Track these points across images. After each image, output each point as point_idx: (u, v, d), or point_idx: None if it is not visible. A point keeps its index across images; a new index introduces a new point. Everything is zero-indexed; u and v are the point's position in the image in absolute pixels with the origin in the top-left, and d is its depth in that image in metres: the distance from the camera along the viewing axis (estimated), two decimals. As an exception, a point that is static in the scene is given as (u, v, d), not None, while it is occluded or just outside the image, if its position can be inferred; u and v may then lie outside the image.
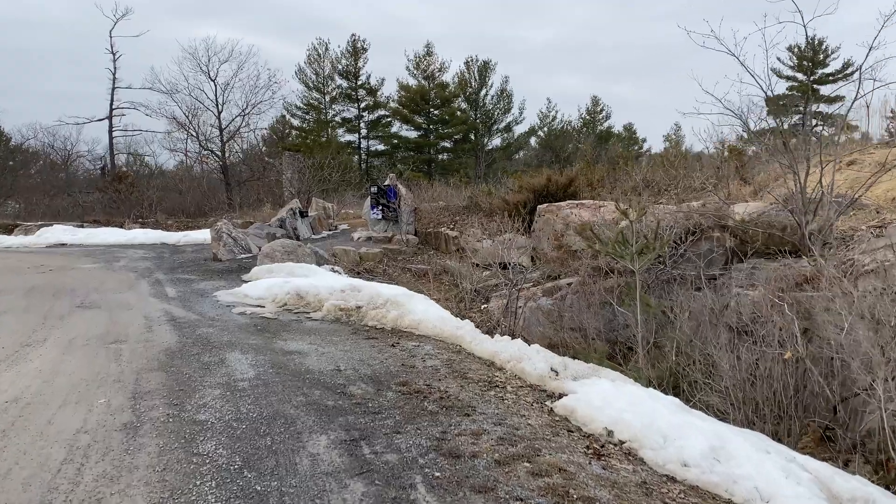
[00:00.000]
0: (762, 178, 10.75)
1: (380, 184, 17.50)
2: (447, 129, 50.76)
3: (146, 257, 15.61)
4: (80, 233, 21.08)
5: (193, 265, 14.02)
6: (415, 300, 8.26)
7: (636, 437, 4.40)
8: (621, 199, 13.13)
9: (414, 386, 5.29)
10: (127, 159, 39.56)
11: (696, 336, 6.80)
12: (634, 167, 13.86)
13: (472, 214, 15.67)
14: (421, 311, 7.88)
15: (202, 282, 11.60)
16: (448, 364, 6.13)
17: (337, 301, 8.42)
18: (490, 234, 14.89)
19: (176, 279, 11.93)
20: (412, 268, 14.62)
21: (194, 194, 28.50)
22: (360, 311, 8.11)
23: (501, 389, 5.42)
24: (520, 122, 52.74)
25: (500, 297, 11.24)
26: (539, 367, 5.92)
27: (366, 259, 14.73)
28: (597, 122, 59.59)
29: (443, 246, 15.64)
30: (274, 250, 13.10)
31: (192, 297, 9.92)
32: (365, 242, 16.32)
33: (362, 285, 8.92)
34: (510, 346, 6.56)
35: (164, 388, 5.19)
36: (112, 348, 6.60)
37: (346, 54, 49.57)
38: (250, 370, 5.74)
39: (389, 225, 16.81)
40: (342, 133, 50.52)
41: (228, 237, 14.83)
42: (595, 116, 59.77)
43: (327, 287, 8.96)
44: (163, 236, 20.00)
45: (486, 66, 52.26)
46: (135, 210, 25.52)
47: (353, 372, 5.72)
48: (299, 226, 17.63)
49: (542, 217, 13.17)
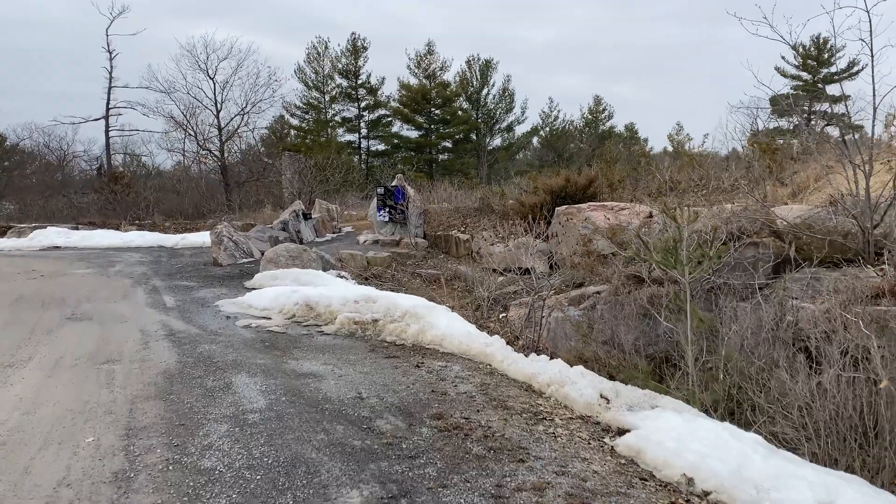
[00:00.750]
0: (801, 179, 10.11)
1: (386, 184, 16.81)
2: (448, 129, 50.09)
3: (143, 261, 14.90)
4: (74, 235, 20.34)
5: (192, 270, 13.30)
6: (436, 312, 7.56)
7: (723, 487, 3.71)
8: (647, 201, 12.45)
9: (451, 420, 4.58)
10: (124, 159, 38.85)
11: (753, 353, 6.11)
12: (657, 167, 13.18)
13: (483, 217, 14.99)
14: (444, 326, 7.18)
15: (202, 289, 10.89)
16: (483, 390, 5.43)
17: (350, 313, 7.72)
18: (503, 238, 14.20)
19: (174, 286, 11.22)
20: (422, 273, 13.92)
21: (192, 195, 27.74)
22: (376, 325, 7.40)
23: (550, 422, 4.72)
24: (522, 122, 52.15)
25: (519, 305, 10.54)
26: (586, 394, 5.22)
27: (374, 264, 14.04)
28: (599, 122, 58.90)
29: (453, 250, 14.95)
30: (278, 255, 12.40)
31: (191, 307, 9.21)
32: (372, 246, 15.63)
33: (377, 295, 8.21)
34: (549, 367, 5.87)
35: (162, 423, 4.49)
36: (104, 370, 5.90)
37: (346, 53, 48.89)
38: (261, 398, 5.03)
39: (397, 227, 16.11)
40: (342, 133, 49.88)
41: (229, 241, 14.12)
42: (597, 116, 59.05)
43: (339, 297, 8.25)
44: (160, 239, 19.26)
45: (488, 64, 51.62)
46: (131, 211, 24.78)
47: (377, 400, 5.02)
48: (303, 228, 16.92)
49: (560, 220, 12.48)
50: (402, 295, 8.66)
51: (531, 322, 9.73)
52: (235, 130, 32.56)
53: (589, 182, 12.97)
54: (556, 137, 54.76)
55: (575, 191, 12.79)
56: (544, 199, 12.72)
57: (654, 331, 8.02)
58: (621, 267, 8.49)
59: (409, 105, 49.20)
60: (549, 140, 54.45)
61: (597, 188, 13.24)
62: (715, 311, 7.21)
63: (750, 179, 10.96)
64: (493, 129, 51.81)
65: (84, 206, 28.47)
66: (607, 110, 59.25)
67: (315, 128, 47.77)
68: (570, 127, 57.85)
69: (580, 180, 12.84)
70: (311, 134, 47.13)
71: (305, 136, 46.54)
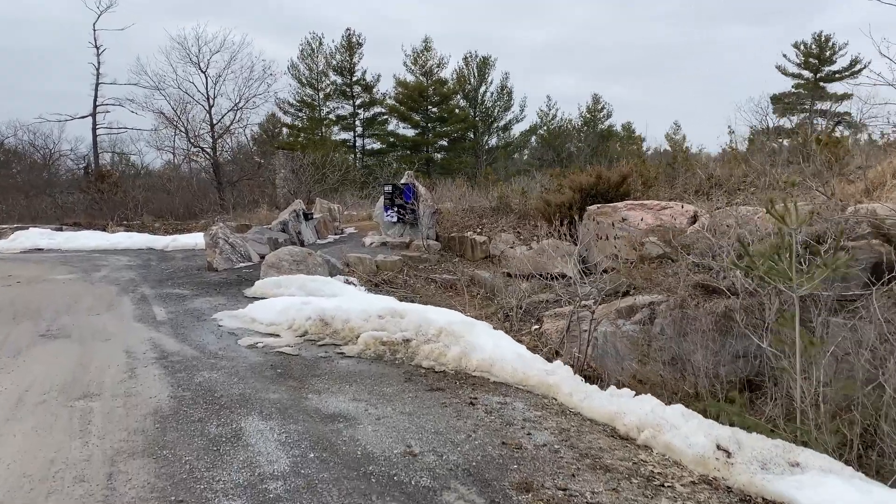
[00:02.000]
0: (875, 175, 9.01)
1: (395, 182, 15.61)
2: (446, 128, 48.90)
3: (131, 265, 13.65)
4: (58, 236, 19.02)
5: (185, 276, 12.08)
6: (477, 330, 6.39)
7: None
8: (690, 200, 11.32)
9: (543, 493, 3.41)
10: (112, 158, 37.41)
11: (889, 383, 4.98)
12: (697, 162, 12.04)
13: (501, 217, 13.82)
14: (490, 348, 6.01)
15: (197, 298, 9.68)
16: (564, 438, 4.26)
17: (375, 331, 6.53)
18: (525, 240, 13.04)
19: (165, 295, 10.01)
20: (437, 278, 12.74)
21: (183, 195, 26.35)
22: (408, 346, 6.22)
23: (670, 489, 3.56)
24: (520, 121, 51.03)
25: (555, 317, 9.38)
26: (696, 444, 4.07)
27: (384, 268, 12.84)
28: (597, 121, 57.83)
29: (469, 252, 13.78)
30: (280, 259, 11.19)
31: (186, 320, 8.00)
32: (379, 248, 14.43)
33: (404, 309, 7.01)
34: (636, 405, 4.71)
35: (152, 498, 3.30)
36: (78, 409, 4.69)
37: (341, 49, 47.60)
38: (282, 455, 3.85)
39: (406, 229, 14.92)
40: (337, 131, 48.53)
41: (225, 243, 12.89)
42: (596, 115, 57.97)
43: (359, 311, 7.06)
44: (149, 240, 17.97)
45: (486, 62, 50.48)
46: (119, 211, 23.44)
47: (435, 458, 3.84)
48: (303, 230, 15.71)
49: (592, 220, 11.33)
50: (432, 308, 7.47)
51: (573, 336, 8.60)
52: (228, 127, 31.21)
53: (622, 179, 11.80)
54: (555, 136, 53.74)
55: (607, 188, 11.65)
56: (572, 198, 11.57)
57: (729, 350, 6.88)
58: (684, 273, 7.33)
59: (405, 103, 47.92)
60: (547, 139, 53.41)
61: (629, 186, 12.08)
62: (809, 328, 6.06)
63: (811, 175, 9.84)
64: (490, 128, 50.68)
65: (69, 205, 27.09)
66: (606, 109, 58.20)
67: (309, 126, 46.45)
68: (568, 126, 56.91)
69: (613, 177, 11.66)
70: (305, 132, 45.81)
71: (298, 135, 45.16)
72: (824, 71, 50.21)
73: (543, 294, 10.16)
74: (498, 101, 50.62)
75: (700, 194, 11.44)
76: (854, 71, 47.39)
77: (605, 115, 57.58)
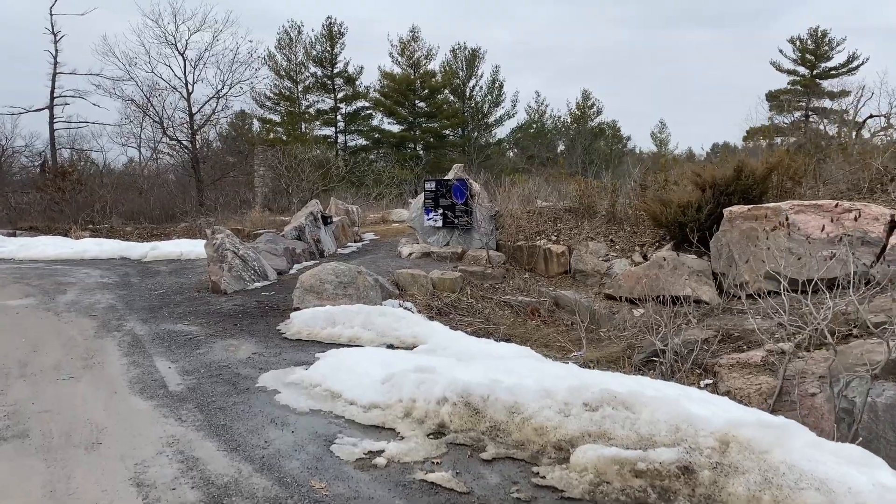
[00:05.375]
0: None
1: (441, 178, 12.61)
2: (434, 123, 46.03)
3: (106, 283, 10.49)
4: (10, 243, 15.60)
5: (184, 301, 9.01)
6: (790, 438, 3.47)
7: None
8: (856, 198, 8.60)
9: None
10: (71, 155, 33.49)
11: None
12: (871, 152, 9.40)
13: (583, 220, 10.97)
14: (864, 487, 3.13)
15: (216, 341, 6.67)
16: None
17: (598, 445, 3.60)
18: (624, 251, 10.21)
19: (166, 335, 6.97)
20: (511, 301, 9.84)
21: (159, 194, 22.86)
22: (693, 481, 3.28)
23: None
24: (512, 116, 48.44)
25: (741, 367, 6.54)
26: None
27: (441, 287, 9.90)
28: (587, 118, 55.55)
29: (541, 266, 10.91)
30: (322, 281, 8.21)
31: (217, 391, 4.98)
32: (421, 260, 11.45)
33: (625, 393, 4.04)
34: None
35: None
36: None
37: (321, 39, 44.36)
38: None
39: (454, 235, 11.96)
40: (318, 126, 45.24)
41: (235, 256, 9.82)
42: (585, 111, 55.68)
43: (534, 391, 4.11)
44: (123, 248, 14.71)
45: (475, 54, 47.78)
46: (83, 214, 20.00)
47: None
48: (323, 237, 12.67)
49: (735, 226, 8.55)
50: (682, 390, 4.51)
51: (785, 402, 5.84)
52: (209, 117, 27.63)
53: (769, 171, 9.00)
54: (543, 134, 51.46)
55: (752, 183, 8.85)
56: (701, 198, 8.79)
57: None
58: None
59: (391, 96, 44.90)
60: (537, 136, 51.04)
61: (772, 182, 9.32)
62: None
63: None
64: (480, 124, 47.95)
65: (24, 207, 23.48)
66: (595, 105, 56.01)
67: (288, 120, 43.05)
68: (557, 123, 54.73)
69: (759, 169, 8.84)
70: (283, 126, 42.41)
71: (269, 131, 41.62)
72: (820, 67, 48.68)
73: (701, 331, 7.31)
74: (488, 96, 47.97)
75: (867, 192, 8.78)
76: (851, 67, 45.98)
77: (595, 112, 55.40)
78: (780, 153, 9.83)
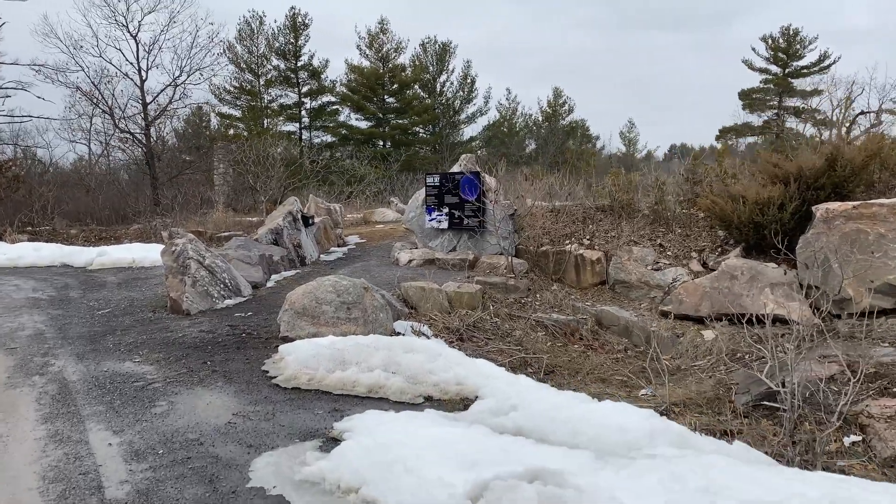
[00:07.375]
0: None
1: (446, 171, 10.66)
2: (404, 120, 44.01)
3: (37, 301, 8.39)
4: (-72, 249, 13.25)
5: (134, 324, 7.00)
6: None
7: None
8: None
9: None
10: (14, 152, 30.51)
11: None
12: None
13: (621, 221, 9.14)
14: None
15: (179, 394, 4.71)
16: None
17: None
18: (678, 257, 8.46)
19: (109, 379, 4.99)
20: (545, 320, 8.00)
21: (109, 193, 20.38)
22: None
23: None
24: (485, 113, 46.69)
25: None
26: None
27: (458, 303, 8.03)
28: (558, 116, 54.15)
29: (571, 276, 9.10)
30: (318, 302, 6.26)
31: (187, 499, 3.05)
32: (424, 269, 9.55)
33: None
34: None
35: None
36: None
37: (284, 30, 41.96)
38: None
39: (461, 239, 10.06)
40: (281, 122, 42.79)
41: (200, 267, 7.80)
42: (556, 110, 54.27)
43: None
44: (65, 254, 12.50)
45: (446, 48, 45.89)
46: (21, 214, 17.58)
47: None
48: (304, 241, 10.67)
49: (836, 228, 6.85)
50: None
51: None
52: (165, 107, 25.04)
53: (867, 161, 7.34)
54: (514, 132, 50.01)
55: (849, 175, 7.19)
56: (782, 194, 7.09)
57: None
58: None
59: (359, 91, 42.74)
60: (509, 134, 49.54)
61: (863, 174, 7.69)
62: None
63: None
64: (451, 121, 46.10)
65: (-50, 206, 20.88)
66: (567, 104, 54.58)
67: (249, 115, 40.51)
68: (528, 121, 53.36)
69: (857, 158, 7.18)
70: (244, 122, 39.86)
71: (230, 127, 39.00)
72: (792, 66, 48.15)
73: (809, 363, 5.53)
74: (459, 92, 46.14)
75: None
76: (823, 66, 45.45)
77: (566, 111, 54.02)
78: (878, 138, 8.21)
